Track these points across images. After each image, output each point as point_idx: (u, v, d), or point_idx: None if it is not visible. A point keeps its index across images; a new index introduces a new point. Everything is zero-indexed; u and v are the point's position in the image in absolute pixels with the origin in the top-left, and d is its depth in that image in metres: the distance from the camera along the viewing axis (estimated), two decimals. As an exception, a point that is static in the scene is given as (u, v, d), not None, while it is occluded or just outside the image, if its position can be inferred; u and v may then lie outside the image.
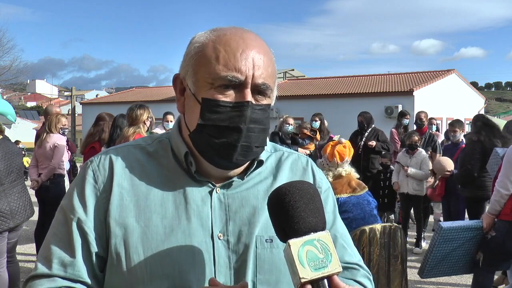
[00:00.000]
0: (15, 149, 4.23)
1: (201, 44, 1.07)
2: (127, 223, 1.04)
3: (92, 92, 68.93)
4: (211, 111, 1.03)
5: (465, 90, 25.83)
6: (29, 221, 4.66)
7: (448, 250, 4.02)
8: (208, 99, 1.04)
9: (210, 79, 1.03)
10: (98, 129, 5.58)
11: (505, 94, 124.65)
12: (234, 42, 1.04)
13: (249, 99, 1.03)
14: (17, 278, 4.36)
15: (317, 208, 0.92)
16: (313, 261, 0.86)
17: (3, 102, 5.27)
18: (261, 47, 1.07)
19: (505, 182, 3.87)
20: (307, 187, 0.94)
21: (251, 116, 1.03)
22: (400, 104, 19.96)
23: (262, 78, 1.04)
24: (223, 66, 1.02)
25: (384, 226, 3.46)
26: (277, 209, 0.92)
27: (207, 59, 1.04)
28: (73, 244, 1.04)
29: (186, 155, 1.10)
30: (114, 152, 1.13)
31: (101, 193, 1.07)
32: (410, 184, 6.56)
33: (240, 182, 1.12)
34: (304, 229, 0.89)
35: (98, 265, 1.06)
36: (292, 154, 1.25)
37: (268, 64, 1.06)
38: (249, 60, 1.03)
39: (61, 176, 5.73)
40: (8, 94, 44.08)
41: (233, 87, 1.03)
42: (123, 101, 28.78)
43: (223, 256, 1.06)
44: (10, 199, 3.98)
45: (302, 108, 20.57)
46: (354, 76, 27.47)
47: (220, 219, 1.08)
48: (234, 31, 1.08)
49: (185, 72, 1.10)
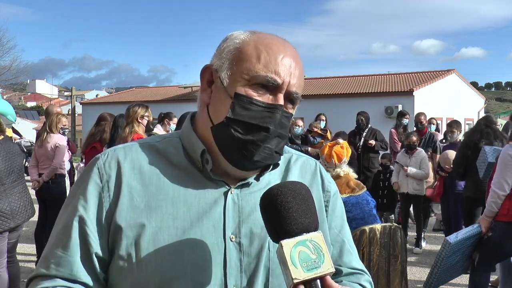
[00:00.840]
0: (16, 149, 4.23)
1: (242, 41, 1.08)
2: (138, 224, 1.02)
3: (92, 92, 68.92)
4: (243, 107, 1.03)
5: (465, 90, 25.82)
6: (29, 221, 4.66)
7: (454, 261, 4.02)
8: (242, 94, 1.04)
9: (248, 76, 1.03)
10: (99, 129, 5.59)
11: (505, 94, 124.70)
12: (276, 47, 1.06)
13: (282, 103, 1.04)
14: (17, 278, 4.36)
15: (310, 209, 0.92)
16: (305, 262, 0.86)
17: (3, 102, 5.28)
18: (298, 59, 1.09)
19: (501, 182, 3.88)
20: (300, 187, 0.94)
21: (280, 120, 1.04)
22: (400, 104, 19.96)
23: (296, 87, 1.06)
24: (264, 66, 1.03)
25: (384, 226, 3.46)
26: (269, 209, 0.92)
27: (248, 56, 1.05)
28: (71, 244, 1.01)
29: (202, 153, 1.07)
30: (122, 151, 1.10)
31: (105, 193, 1.04)
32: (410, 184, 6.58)
33: (255, 183, 1.11)
34: (297, 230, 0.89)
35: (100, 265, 1.03)
36: (301, 156, 1.24)
37: (301, 75, 1.09)
38: (287, 67, 1.05)
39: (62, 176, 5.74)
40: (8, 94, 44.09)
41: (268, 89, 1.04)
42: (123, 101, 28.76)
43: (235, 258, 1.04)
44: (11, 199, 3.98)
45: (302, 108, 20.33)
46: (354, 76, 27.46)
47: (233, 220, 1.06)
48: (275, 37, 1.10)
49: (219, 65, 1.08)
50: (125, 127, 4.63)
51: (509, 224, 3.90)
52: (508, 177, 3.85)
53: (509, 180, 3.85)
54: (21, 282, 4.43)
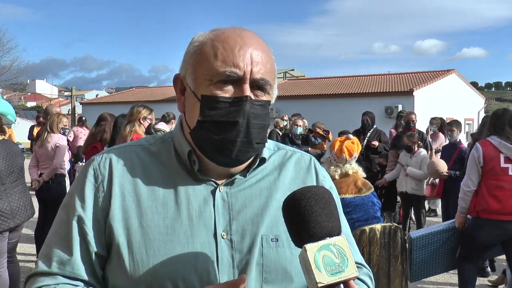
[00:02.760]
0: (17, 149, 4.23)
1: (200, 43, 1.09)
2: (130, 224, 1.05)
3: (92, 92, 68.94)
4: (210, 107, 1.04)
5: (465, 90, 25.83)
6: (29, 221, 4.65)
7: (427, 255, 4.21)
8: (207, 95, 1.04)
9: (209, 76, 1.04)
10: (99, 129, 5.59)
11: (505, 94, 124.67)
12: (232, 40, 1.06)
13: (248, 94, 1.03)
14: (17, 278, 4.36)
15: (332, 213, 0.92)
16: (329, 266, 0.85)
17: (3, 102, 5.26)
18: (259, 44, 1.08)
19: (466, 180, 4.20)
20: (323, 191, 0.94)
21: (250, 111, 1.03)
22: (400, 104, 19.97)
23: (261, 73, 1.05)
24: (222, 62, 1.03)
25: (384, 226, 3.46)
26: (293, 214, 0.91)
27: (206, 56, 1.06)
28: (72, 243, 1.04)
29: (189, 154, 1.10)
30: (116, 152, 1.14)
31: (100, 193, 1.07)
32: (409, 183, 6.57)
33: (242, 180, 1.12)
34: (320, 234, 0.88)
35: (98, 263, 1.06)
36: (296, 152, 1.25)
37: (267, 61, 1.07)
38: (247, 56, 1.04)
39: (63, 176, 5.74)
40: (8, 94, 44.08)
41: (232, 83, 1.04)
42: (123, 101, 28.79)
43: (226, 255, 1.05)
44: (11, 199, 3.98)
45: (302, 108, 20.56)
46: (354, 76, 27.47)
47: (223, 218, 1.07)
48: (232, 30, 1.09)
49: (185, 71, 1.11)
50: (126, 125, 4.61)
51: (476, 218, 4.17)
52: (472, 175, 4.14)
53: (473, 177, 4.14)
54: (21, 282, 4.43)
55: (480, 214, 4.12)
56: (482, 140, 4.23)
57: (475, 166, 4.12)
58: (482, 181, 4.12)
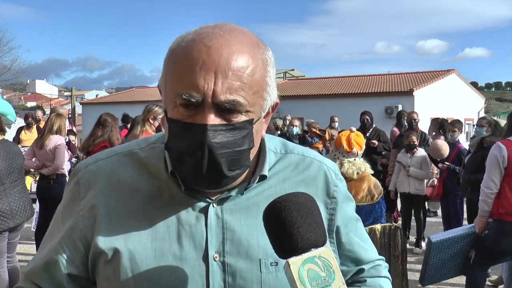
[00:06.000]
0: (17, 149, 4.24)
1: (171, 50, 0.92)
2: (115, 246, 0.95)
3: (92, 92, 68.87)
4: (174, 133, 0.90)
5: (465, 90, 25.82)
6: (29, 221, 4.66)
7: (445, 259, 4.08)
8: (171, 119, 0.90)
9: (172, 95, 0.88)
10: (106, 130, 5.62)
11: (505, 94, 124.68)
12: (196, 51, 0.86)
13: (208, 122, 0.85)
14: (17, 278, 4.36)
15: (316, 222, 0.84)
16: (315, 280, 0.81)
17: (3, 102, 5.26)
18: (236, 51, 0.86)
19: (487, 181, 4.00)
20: (304, 199, 0.85)
21: (212, 142, 0.86)
22: (400, 104, 19.96)
23: (228, 93, 0.85)
24: (178, 82, 0.87)
25: (384, 226, 3.45)
26: (273, 225, 0.84)
27: (170, 70, 0.90)
28: (47, 261, 1.01)
29: (172, 173, 0.97)
30: (103, 164, 1.02)
31: (79, 211, 0.99)
32: (412, 184, 6.55)
33: (238, 197, 0.99)
34: (304, 246, 0.82)
35: (70, 281, 1.00)
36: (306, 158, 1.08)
37: (245, 70, 0.86)
38: (209, 73, 0.84)
39: (64, 176, 5.75)
40: (8, 94, 44.08)
41: (196, 106, 0.86)
42: (123, 101, 28.81)
43: (218, 279, 0.94)
44: (10, 199, 3.98)
45: (302, 108, 20.57)
46: (354, 76, 27.47)
47: (216, 237, 0.96)
48: (204, 35, 0.88)
49: (161, 83, 0.96)
50: (139, 125, 4.70)
51: (499, 222, 4.00)
52: (494, 176, 3.96)
53: (495, 179, 3.95)
54: (21, 282, 4.43)
55: (503, 217, 3.96)
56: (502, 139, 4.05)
57: (497, 167, 3.94)
58: (505, 182, 3.95)
